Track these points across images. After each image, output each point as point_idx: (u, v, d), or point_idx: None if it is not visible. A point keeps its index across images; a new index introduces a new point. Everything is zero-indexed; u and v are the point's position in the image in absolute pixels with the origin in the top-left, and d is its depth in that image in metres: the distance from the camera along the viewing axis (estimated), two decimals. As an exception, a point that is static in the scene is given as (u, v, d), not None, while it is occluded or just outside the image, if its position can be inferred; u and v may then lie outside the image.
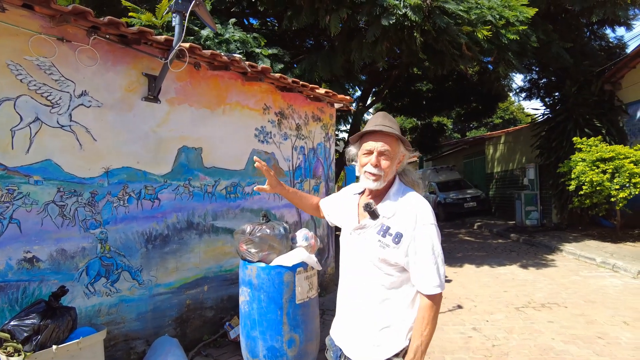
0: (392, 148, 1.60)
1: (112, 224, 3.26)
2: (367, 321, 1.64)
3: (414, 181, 1.72)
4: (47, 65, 2.94)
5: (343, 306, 1.76)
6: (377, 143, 1.60)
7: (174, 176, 3.70)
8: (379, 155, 1.60)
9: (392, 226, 1.58)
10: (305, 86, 4.72)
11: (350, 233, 1.70)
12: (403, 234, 1.55)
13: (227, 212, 4.19)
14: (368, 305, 1.63)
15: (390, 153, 1.60)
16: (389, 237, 1.57)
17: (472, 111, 17.85)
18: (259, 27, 10.40)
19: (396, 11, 5.77)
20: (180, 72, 3.63)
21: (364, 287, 1.65)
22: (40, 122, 2.90)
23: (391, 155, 1.61)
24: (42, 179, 2.89)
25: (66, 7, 2.77)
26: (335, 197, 2.05)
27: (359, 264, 1.66)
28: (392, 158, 1.61)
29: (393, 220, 1.59)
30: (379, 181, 1.61)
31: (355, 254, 1.68)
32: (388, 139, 1.61)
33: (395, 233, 1.56)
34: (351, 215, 1.75)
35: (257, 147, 4.54)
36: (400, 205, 1.61)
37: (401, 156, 1.66)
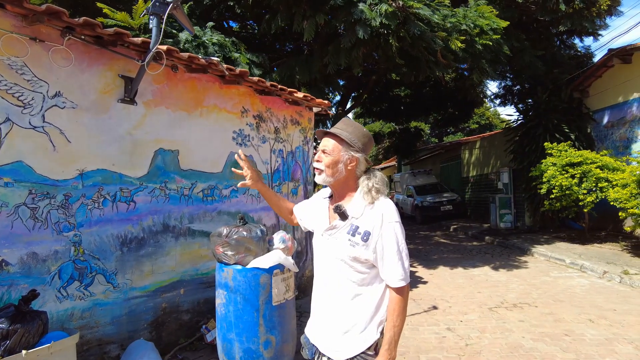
0: (332, 147, 1.76)
1: (86, 226, 3.22)
2: (340, 317, 1.73)
3: (378, 184, 1.81)
4: (18, 65, 2.90)
5: (317, 305, 1.85)
6: (322, 142, 1.81)
7: (150, 179, 3.68)
8: (322, 152, 1.78)
9: (360, 225, 1.69)
10: (283, 90, 4.76)
11: (322, 234, 1.80)
12: (371, 232, 1.66)
13: (204, 215, 4.17)
14: (340, 301, 1.73)
15: (330, 151, 1.76)
16: (358, 236, 1.68)
17: (448, 116, 18.23)
18: (239, 30, 10.40)
19: (371, 22, 5.88)
20: (157, 74, 3.62)
21: (336, 285, 1.74)
22: (11, 122, 2.85)
23: (331, 153, 1.75)
24: (12, 180, 2.84)
25: (39, 7, 2.74)
26: (307, 202, 2.14)
27: (331, 263, 1.76)
28: (333, 155, 1.75)
29: (361, 220, 1.70)
30: (322, 175, 1.77)
31: (328, 253, 1.78)
32: (332, 138, 1.78)
33: (364, 232, 1.67)
34: (322, 217, 1.86)
35: (235, 150, 4.54)
36: (368, 206, 1.72)
37: (349, 158, 1.76)
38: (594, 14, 8.15)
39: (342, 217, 1.72)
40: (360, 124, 1.86)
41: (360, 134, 1.81)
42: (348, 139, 1.77)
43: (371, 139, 1.88)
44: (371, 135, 1.89)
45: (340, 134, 1.77)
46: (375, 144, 22.12)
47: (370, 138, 1.87)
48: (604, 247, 8.40)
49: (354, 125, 1.84)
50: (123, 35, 3.22)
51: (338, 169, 1.76)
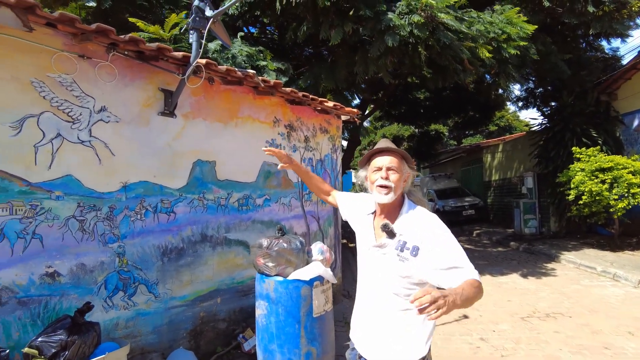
0: (398, 164, 1.78)
1: (129, 237, 3.29)
2: (388, 332, 1.76)
3: (420, 200, 1.90)
4: (68, 81, 2.99)
5: (363, 319, 1.89)
6: (385, 159, 1.79)
7: (189, 189, 3.75)
8: (387, 170, 1.77)
9: (408, 241, 1.72)
10: (314, 99, 4.80)
11: (369, 249, 1.85)
12: (419, 247, 1.68)
13: (239, 224, 4.23)
14: (388, 317, 1.77)
15: (397, 168, 1.77)
16: (406, 251, 1.70)
17: (469, 119, 18.07)
18: (258, 35, 10.48)
19: (401, 31, 5.88)
20: (195, 87, 3.69)
21: (384, 300, 1.78)
22: (62, 137, 2.95)
23: (398, 170, 1.77)
24: (63, 194, 2.93)
25: (89, 26, 2.83)
26: (353, 200, 2.19)
27: (379, 279, 1.80)
28: (399, 173, 1.77)
29: (408, 236, 1.72)
30: (390, 194, 1.76)
31: (376, 269, 1.82)
32: (394, 156, 1.80)
33: (412, 247, 1.69)
34: (368, 232, 1.89)
35: (267, 160, 4.59)
36: (413, 222, 1.75)
37: (407, 175, 1.82)
38: (625, 16, 7.98)
39: (390, 235, 1.76)
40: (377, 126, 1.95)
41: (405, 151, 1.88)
42: (405, 155, 1.84)
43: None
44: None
45: (402, 151, 1.83)
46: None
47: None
48: (637, 254, 8.19)
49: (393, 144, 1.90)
50: (164, 50, 3.30)
51: (401, 185, 1.79)
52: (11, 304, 2.68)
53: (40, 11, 2.59)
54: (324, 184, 2.41)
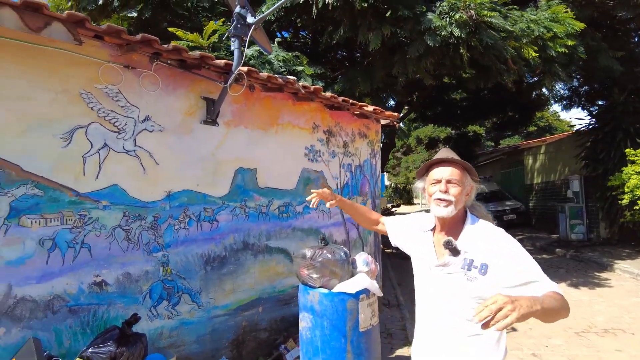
0: (459, 176, 1.66)
1: (173, 246, 3.29)
2: (456, 354, 1.64)
3: (484, 215, 1.75)
4: (114, 92, 3.02)
5: (427, 344, 1.76)
6: (444, 171, 1.67)
7: (231, 197, 3.73)
8: (447, 182, 1.65)
9: (475, 258, 1.59)
10: (354, 104, 4.69)
11: (430, 269, 1.72)
12: (488, 264, 1.55)
13: (279, 232, 4.18)
14: (456, 341, 1.64)
15: (457, 181, 1.65)
16: (474, 269, 1.58)
17: (507, 120, 17.44)
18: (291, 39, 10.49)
19: (441, 31, 5.69)
20: (237, 95, 3.67)
21: (450, 323, 1.65)
22: (108, 148, 2.97)
23: (459, 183, 1.65)
24: (109, 203, 2.95)
25: (135, 37, 2.84)
26: (403, 224, 2.07)
27: (446, 301, 1.67)
28: (460, 186, 1.65)
29: (475, 253, 1.60)
30: (449, 207, 1.64)
31: (440, 291, 1.69)
32: (455, 167, 1.67)
33: (481, 264, 1.57)
34: (427, 252, 1.76)
35: (307, 166, 4.53)
36: (479, 237, 1.63)
37: (469, 188, 1.70)
38: (685, 6, 7.43)
39: (453, 252, 1.63)
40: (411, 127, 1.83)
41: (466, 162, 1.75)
42: (468, 167, 1.71)
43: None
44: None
45: (463, 162, 1.70)
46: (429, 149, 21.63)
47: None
48: (700, 263, 7.59)
49: (454, 153, 1.77)
50: (207, 59, 3.28)
51: (462, 199, 1.67)
52: (62, 312, 2.71)
53: (89, 24, 2.62)
54: (371, 212, 2.30)
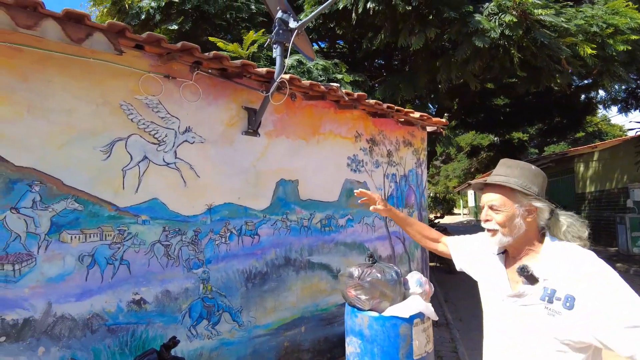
0: (502, 201, 1.48)
1: (213, 262, 3.16)
2: None
3: (576, 234, 1.49)
4: (154, 103, 2.94)
5: None
6: (486, 196, 1.53)
7: (272, 210, 3.56)
8: (490, 208, 1.51)
9: (558, 289, 1.36)
10: (399, 110, 4.45)
11: (502, 300, 1.52)
12: (575, 297, 1.31)
13: (322, 246, 3.97)
14: None
15: (500, 206, 1.48)
16: (557, 302, 1.35)
17: (554, 126, 16.58)
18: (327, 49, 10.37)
19: (490, 33, 5.36)
20: (279, 104, 3.52)
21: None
22: (148, 160, 2.88)
23: (502, 208, 1.48)
24: (149, 218, 2.85)
25: (175, 45, 2.75)
26: (469, 245, 1.85)
27: (522, 338, 1.43)
28: (505, 211, 1.47)
29: (557, 282, 1.37)
30: (496, 236, 1.50)
31: (515, 325, 1.45)
32: (498, 190, 1.50)
33: (565, 296, 1.33)
34: (499, 279, 1.56)
35: (350, 177, 4.31)
36: (562, 262, 1.40)
37: (525, 209, 1.47)
38: None
39: (530, 280, 1.41)
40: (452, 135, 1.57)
41: (532, 175, 1.50)
42: (520, 186, 1.46)
43: (545, 176, 1.52)
44: (543, 173, 1.53)
45: (507, 182, 1.48)
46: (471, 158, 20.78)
47: (544, 175, 1.53)
48: None
49: (520, 166, 1.53)
50: (249, 67, 3.15)
51: (516, 225, 1.47)
52: (101, 331, 2.62)
53: (129, 33, 2.54)
54: (430, 230, 2.09)
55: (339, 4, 6.37)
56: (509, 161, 1.57)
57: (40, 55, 2.47)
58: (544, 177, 1.54)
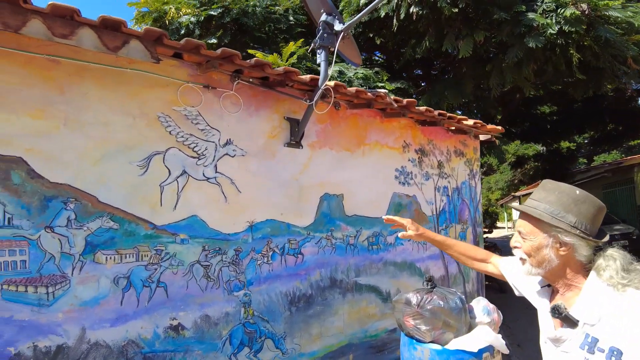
0: (529, 228, 1.32)
1: (255, 284, 2.92)
2: None
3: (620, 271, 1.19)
4: (193, 114, 2.77)
5: None
6: (518, 220, 1.38)
7: (316, 227, 3.31)
8: (518, 234, 1.36)
9: (601, 338, 1.16)
10: (451, 118, 4.12)
11: (545, 342, 1.38)
12: (623, 350, 1.10)
13: (369, 266, 3.66)
14: None
15: (527, 234, 1.32)
16: (599, 353, 1.15)
17: (608, 133, 15.55)
18: (364, 61, 10.15)
19: (547, 30, 4.95)
20: (321, 113, 3.29)
21: None
22: (187, 175, 2.71)
23: (528, 236, 1.31)
24: (188, 237, 2.66)
25: (215, 52, 2.58)
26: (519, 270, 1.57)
27: None
28: (532, 240, 1.30)
29: (601, 329, 1.16)
30: (525, 266, 1.34)
31: None
32: (526, 216, 1.33)
33: (610, 348, 1.13)
34: (544, 316, 1.39)
35: (398, 190, 4.00)
36: (608, 307, 1.17)
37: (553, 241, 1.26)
38: None
39: (567, 323, 1.24)
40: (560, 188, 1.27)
41: (571, 202, 1.26)
42: (552, 214, 1.26)
43: (596, 205, 1.27)
44: (594, 199, 1.28)
45: (532, 211, 1.29)
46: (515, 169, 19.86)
47: (595, 204, 1.27)
48: None
49: (559, 190, 1.30)
50: (291, 74, 2.94)
51: (544, 256, 1.28)
52: (137, 359, 2.42)
53: (167, 40, 2.39)
54: (475, 249, 1.89)
55: (380, 11, 6.15)
56: (549, 183, 1.35)
57: (77, 66, 2.36)
58: (595, 205, 1.26)
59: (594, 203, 1.26)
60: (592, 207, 1.25)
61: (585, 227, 1.23)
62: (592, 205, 1.25)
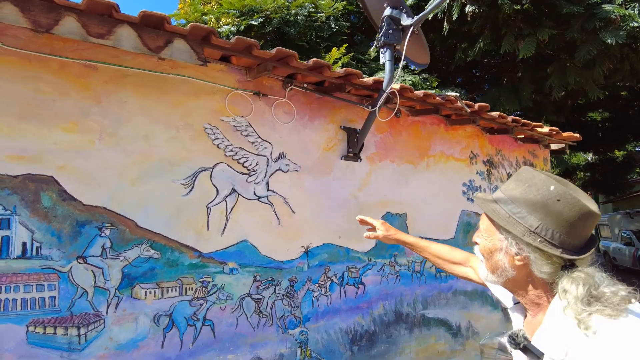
0: (485, 224, 1.03)
1: (312, 320, 2.52)
2: None
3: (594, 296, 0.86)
4: (243, 125, 2.43)
5: None
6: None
7: (378, 253, 2.89)
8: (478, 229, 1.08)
9: None
10: (526, 125, 3.62)
11: None
12: None
13: (437, 296, 3.19)
14: None
15: (483, 231, 1.04)
16: None
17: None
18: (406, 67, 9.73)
19: (628, 23, 4.38)
20: (384, 121, 2.90)
21: None
22: (237, 194, 2.36)
23: (483, 233, 1.04)
24: (237, 265, 2.30)
25: (269, 52, 2.23)
26: None
27: None
28: (486, 239, 1.02)
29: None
30: (481, 268, 1.07)
31: None
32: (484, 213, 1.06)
33: None
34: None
35: (466, 207, 3.53)
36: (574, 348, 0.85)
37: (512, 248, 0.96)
38: None
39: (529, 356, 0.95)
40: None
41: (539, 199, 0.93)
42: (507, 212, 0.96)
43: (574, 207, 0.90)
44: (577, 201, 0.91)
45: (485, 207, 1.02)
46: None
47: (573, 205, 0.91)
48: None
49: (529, 184, 0.96)
50: (352, 77, 2.56)
51: (497, 262, 0.99)
52: (180, 412, 2.06)
53: (215, 39, 2.06)
54: (451, 251, 1.55)
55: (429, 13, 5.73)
56: (525, 172, 1.00)
57: (114, 72, 2.07)
58: (576, 208, 0.90)
59: (575, 206, 0.90)
60: (571, 210, 0.90)
61: (551, 235, 0.91)
62: (571, 208, 0.90)
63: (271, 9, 6.25)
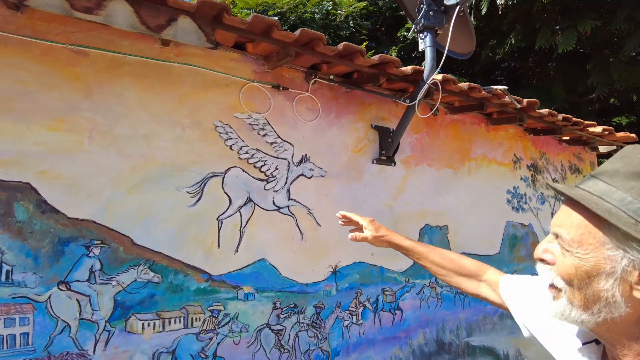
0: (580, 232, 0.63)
1: (342, 354, 2.13)
2: None
3: None
4: (260, 123, 2.07)
5: None
6: (557, 215, 0.69)
7: (417, 271, 2.49)
8: (556, 238, 0.68)
9: None
10: (577, 124, 3.19)
11: None
12: None
13: (483, 321, 2.77)
14: None
15: (572, 242, 0.64)
16: None
17: None
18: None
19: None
20: (424, 117, 2.51)
21: None
22: (253, 204, 1.99)
23: (573, 245, 0.64)
24: (254, 290, 1.93)
25: (292, 34, 1.86)
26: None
27: None
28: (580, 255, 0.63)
29: None
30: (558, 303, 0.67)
31: None
32: (581, 210, 0.64)
33: None
34: None
35: (511, 218, 3.12)
36: None
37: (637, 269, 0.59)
38: None
39: None
40: None
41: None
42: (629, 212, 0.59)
43: None
44: None
45: (592, 204, 0.61)
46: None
47: None
48: None
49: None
50: (388, 66, 2.18)
51: (599, 293, 0.62)
52: None
53: (228, 17, 1.70)
54: (459, 260, 1.13)
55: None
56: (630, 151, 0.64)
57: (109, 60, 1.73)
58: None
59: None
60: None
61: None
62: None
63: (287, 7, 5.95)
